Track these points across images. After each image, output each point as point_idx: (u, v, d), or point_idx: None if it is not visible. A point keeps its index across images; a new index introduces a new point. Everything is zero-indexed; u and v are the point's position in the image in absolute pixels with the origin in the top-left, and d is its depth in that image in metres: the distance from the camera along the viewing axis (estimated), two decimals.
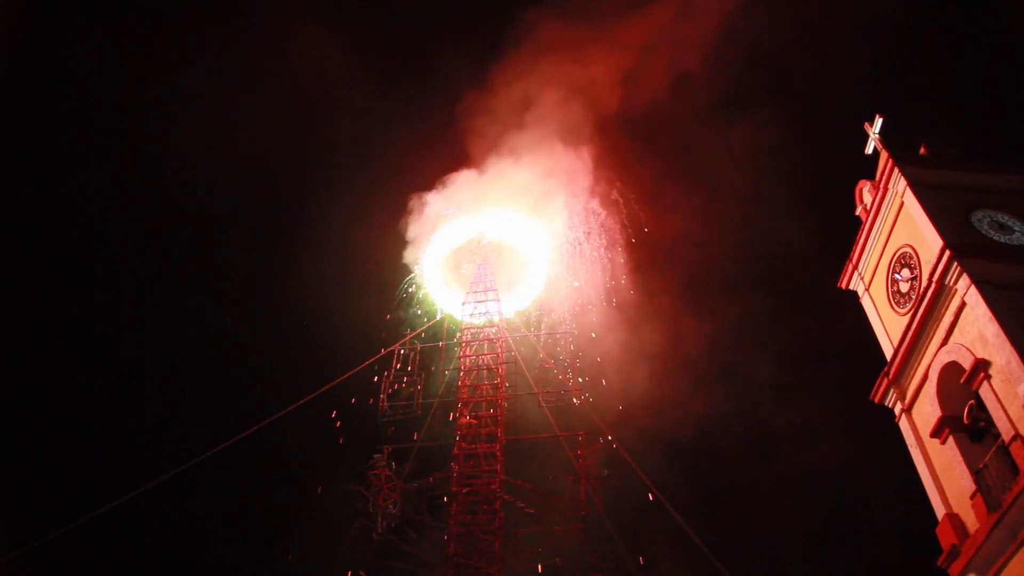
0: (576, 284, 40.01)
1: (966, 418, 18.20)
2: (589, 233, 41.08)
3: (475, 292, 38.50)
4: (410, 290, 40.46)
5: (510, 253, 41.73)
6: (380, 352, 36.04)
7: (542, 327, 39.33)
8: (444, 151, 43.68)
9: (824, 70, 50.30)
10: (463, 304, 38.23)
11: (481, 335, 37.02)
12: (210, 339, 50.43)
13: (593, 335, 38.47)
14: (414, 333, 37.92)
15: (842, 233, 24.03)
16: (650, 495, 30.68)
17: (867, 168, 22.84)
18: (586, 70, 46.00)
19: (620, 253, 40.93)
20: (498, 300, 38.02)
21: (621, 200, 41.87)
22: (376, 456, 32.60)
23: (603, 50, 46.66)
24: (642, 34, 46.85)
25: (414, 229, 41.25)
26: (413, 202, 41.88)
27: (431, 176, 43.00)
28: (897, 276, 20.97)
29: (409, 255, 40.94)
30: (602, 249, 40.84)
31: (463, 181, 42.11)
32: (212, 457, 29.38)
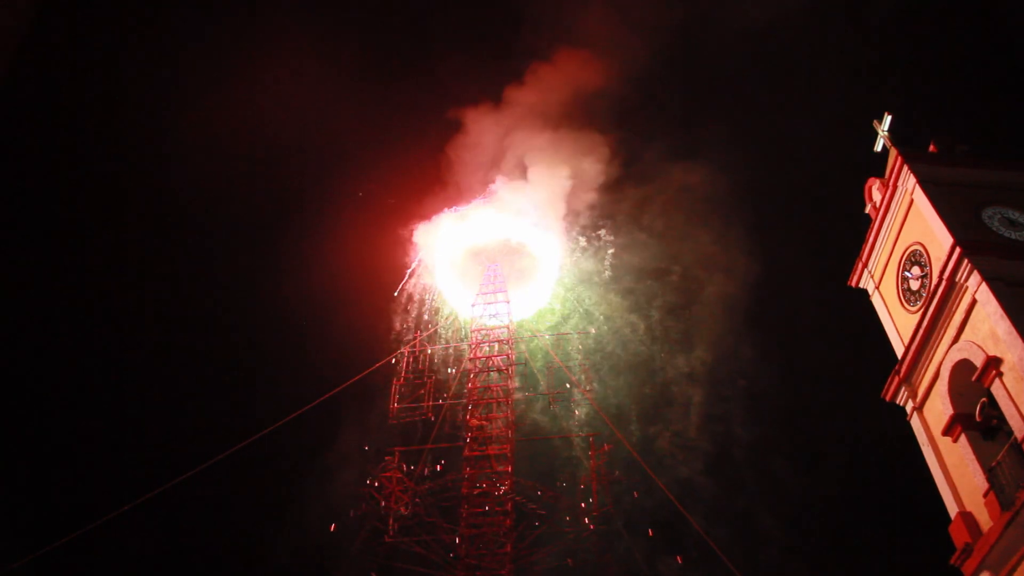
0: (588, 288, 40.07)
1: (978, 416, 18.12)
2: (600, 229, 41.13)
3: (485, 293, 38.53)
4: (417, 291, 40.58)
5: (520, 254, 41.74)
6: (390, 354, 36.25)
7: (553, 327, 39.35)
8: (448, 151, 43.71)
9: (832, 67, 49.99)
10: (473, 306, 38.27)
11: (491, 336, 37.05)
12: (210, 341, 50.36)
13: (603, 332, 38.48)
14: (423, 335, 38.05)
15: (851, 232, 23.98)
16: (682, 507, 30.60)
17: (876, 166, 22.79)
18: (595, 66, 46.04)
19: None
20: (508, 301, 38.04)
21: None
22: (387, 458, 32.74)
23: (609, 50, 46.68)
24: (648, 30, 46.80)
25: (421, 230, 41.42)
26: (420, 204, 42.08)
27: (436, 178, 43.20)
28: (907, 274, 20.89)
29: (417, 257, 41.04)
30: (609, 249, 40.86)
31: (469, 181, 42.26)
32: (219, 462, 29.48)
